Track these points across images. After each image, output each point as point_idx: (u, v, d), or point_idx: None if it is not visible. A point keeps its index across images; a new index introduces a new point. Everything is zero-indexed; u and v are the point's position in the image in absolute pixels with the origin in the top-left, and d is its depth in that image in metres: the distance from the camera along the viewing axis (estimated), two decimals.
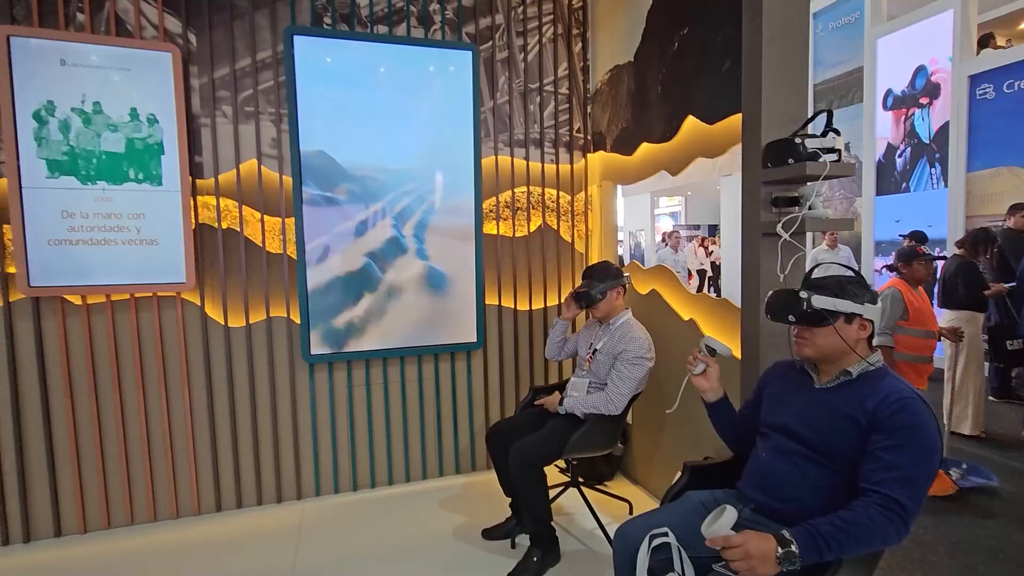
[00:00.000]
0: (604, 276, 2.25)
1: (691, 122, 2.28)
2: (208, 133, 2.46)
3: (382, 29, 2.68)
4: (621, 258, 4.29)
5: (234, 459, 2.58)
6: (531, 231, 3.02)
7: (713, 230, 12.23)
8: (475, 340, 2.88)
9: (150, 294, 2.41)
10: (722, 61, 2.08)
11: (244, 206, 2.53)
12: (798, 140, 1.67)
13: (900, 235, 4.91)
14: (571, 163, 3.08)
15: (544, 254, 3.05)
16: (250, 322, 2.57)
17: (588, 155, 3.11)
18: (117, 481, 2.43)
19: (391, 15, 2.69)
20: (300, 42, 2.49)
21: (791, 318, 1.29)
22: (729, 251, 7.70)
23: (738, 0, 1.87)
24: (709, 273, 9.80)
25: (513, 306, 3.01)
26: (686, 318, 2.36)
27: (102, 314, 2.36)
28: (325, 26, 2.58)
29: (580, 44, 3.05)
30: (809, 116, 1.80)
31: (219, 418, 2.55)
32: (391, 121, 2.66)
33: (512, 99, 2.93)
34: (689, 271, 9.40)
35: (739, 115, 1.91)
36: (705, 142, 2.20)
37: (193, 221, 2.43)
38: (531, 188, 3.00)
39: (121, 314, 2.38)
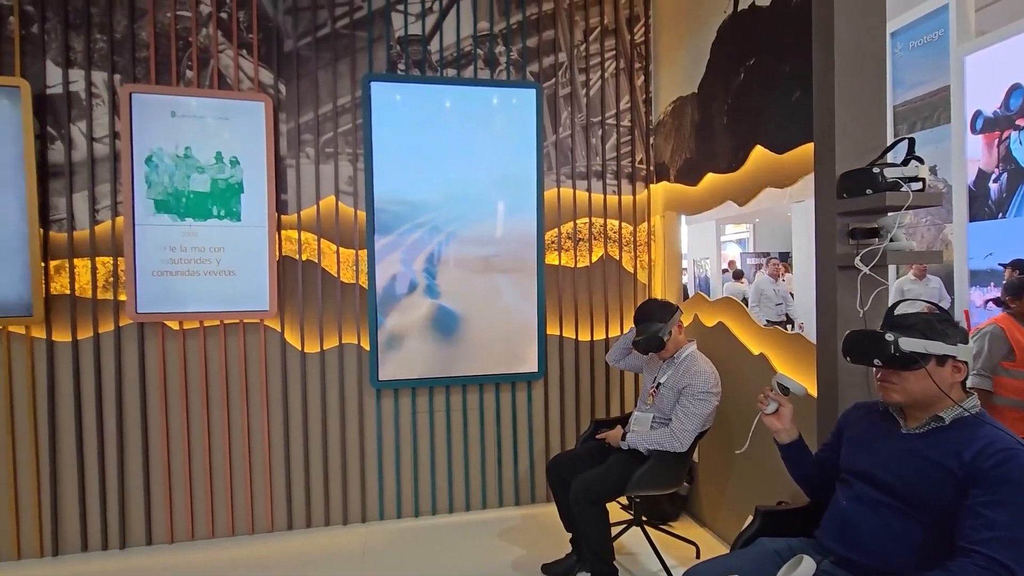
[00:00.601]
0: (663, 315, 2.17)
1: (759, 152, 2.24)
2: (293, 173, 2.67)
3: (451, 72, 2.83)
4: (685, 287, 4.19)
5: (305, 479, 2.70)
6: (593, 262, 3.03)
7: (784, 257, 11.69)
8: (536, 370, 2.89)
9: (237, 320, 2.60)
10: (791, 90, 2.04)
11: (322, 239, 2.70)
12: (876, 169, 1.60)
13: (1000, 264, 4.49)
14: (633, 194, 3.08)
15: (606, 284, 3.04)
16: (324, 348, 2.71)
17: (651, 186, 3.10)
18: (201, 495, 2.60)
19: (459, 59, 2.84)
20: (376, 87, 2.67)
21: (876, 362, 1.21)
22: (802, 281, 7.33)
23: (807, 30, 1.84)
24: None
25: (574, 336, 3.00)
26: (756, 352, 2.27)
27: (195, 339, 2.57)
28: (399, 72, 2.76)
29: (642, 77, 3.08)
30: (888, 144, 1.72)
31: (293, 439, 2.69)
32: (458, 157, 2.78)
33: (574, 133, 2.99)
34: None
35: (810, 144, 1.85)
36: (774, 172, 2.15)
37: (277, 253, 2.62)
38: (593, 219, 3.02)
39: (212, 339, 2.59)
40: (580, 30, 2.99)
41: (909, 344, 1.17)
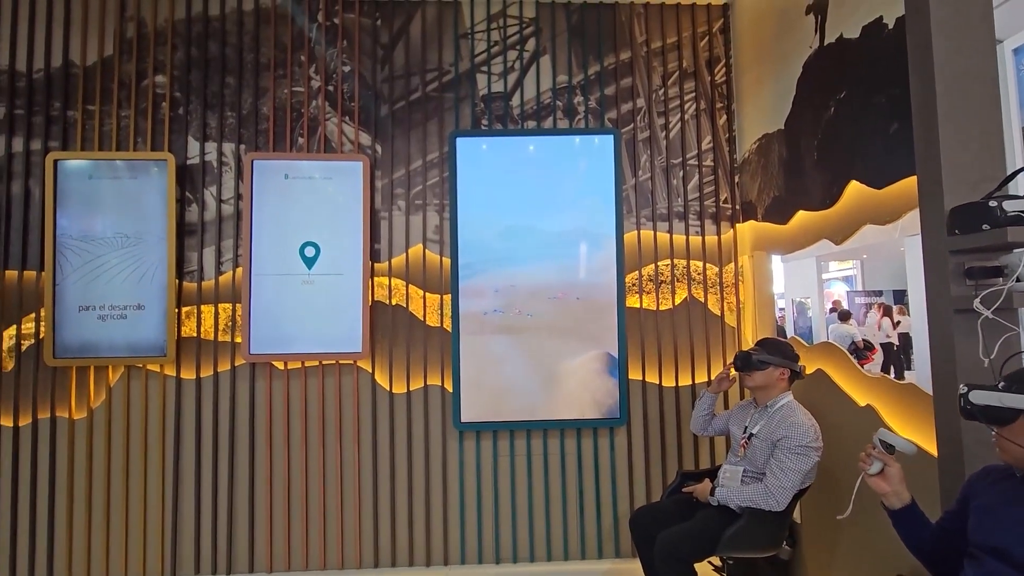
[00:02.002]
0: (775, 351, 2.10)
1: (855, 187, 2.10)
2: (385, 224, 2.88)
3: (531, 124, 2.96)
4: (782, 331, 3.94)
5: (391, 518, 2.78)
6: (676, 304, 2.94)
7: (900, 296, 10.58)
8: (618, 416, 2.82)
9: (333, 361, 2.80)
10: (888, 122, 1.92)
11: (410, 284, 2.87)
12: (994, 203, 1.45)
13: None
14: (718, 234, 2.98)
15: (691, 328, 2.93)
16: (410, 389, 2.83)
17: (737, 225, 2.99)
18: (298, 527, 2.75)
19: (539, 111, 2.97)
20: (461, 142, 2.85)
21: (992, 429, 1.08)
22: (920, 321, 6.59)
23: (902, 58, 1.74)
24: (896, 344, 8.39)
25: (658, 382, 2.90)
26: (862, 404, 2.07)
27: (298, 378, 2.79)
28: (483, 127, 2.94)
29: (725, 117, 3.04)
30: (1008, 174, 1.56)
31: (381, 477, 2.79)
32: (538, 204, 2.86)
33: (654, 175, 2.98)
34: (867, 344, 8.05)
35: (914, 177, 1.72)
36: (874, 208, 2.00)
37: (370, 298, 2.81)
38: (675, 261, 2.96)
39: (311, 378, 2.80)
40: (658, 75, 3.03)
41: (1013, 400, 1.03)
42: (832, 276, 12.08)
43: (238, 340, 2.77)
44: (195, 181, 2.81)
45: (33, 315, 2.72)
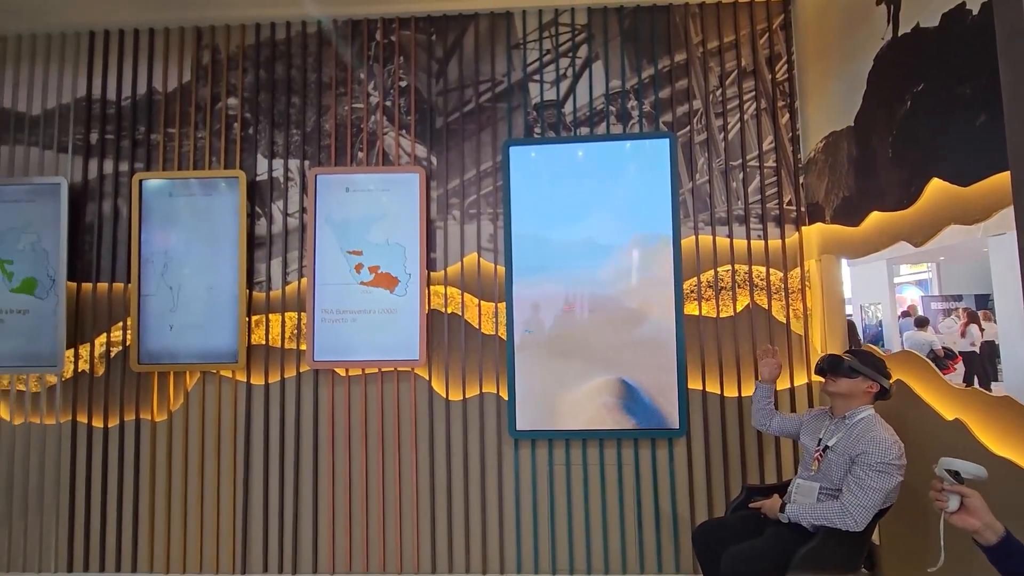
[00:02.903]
0: (869, 362, 1.98)
1: (937, 185, 1.97)
2: (440, 233, 2.93)
3: (584, 130, 2.94)
4: (858, 340, 3.71)
5: (448, 523, 2.81)
6: (738, 311, 2.84)
7: (983, 301, 9.79)
8: (677, 427, 2.74)
9: (392, 369, 2.87)
10: (974, 115, 1.78)
11: (465, 293, 2.90)
12: None
13: None
14: (782, 238, 2.86)
15: (754, 335, 2.82)
16: (466, 396, 2.86)
17: (802, 228, 2.86)
18: (359, 529, 2.82)
19: (592, 117, 2.95)
20: (515, 151, 2.87)
21: None
22: (1009, 328, 6.06)
23: (989, 46, 1.62)
24: (979, 352, 7.75)
25: (719, 391, 2.80)
26: (949, 418, 1.92)
27: (358, 384, 2.88)
28: (535, 135, 2.95)
29: (787, 115, 2.92)
30: None
31: (437, 482, 2.83)
32: (592, 211, 2.84)
33: (712, 178, 2.90)
34: (948, 352, 7.45)
35: (1005, 173, 1.59)
36: (959, 206, 1.86)
37: (427, 307, 2.87)
38: (736, 266, 2.86)
39: (371, 385, 2.88)
40: (715, 75, 2.95)
41: None
42: (904, 280, 11.32)
43: (303, 347, 2.89)
44: (264, 196, 2.97)
45: (121, 324, 2.94)
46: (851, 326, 3.00)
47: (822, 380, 2.10)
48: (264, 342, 2.91)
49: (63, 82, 3.06)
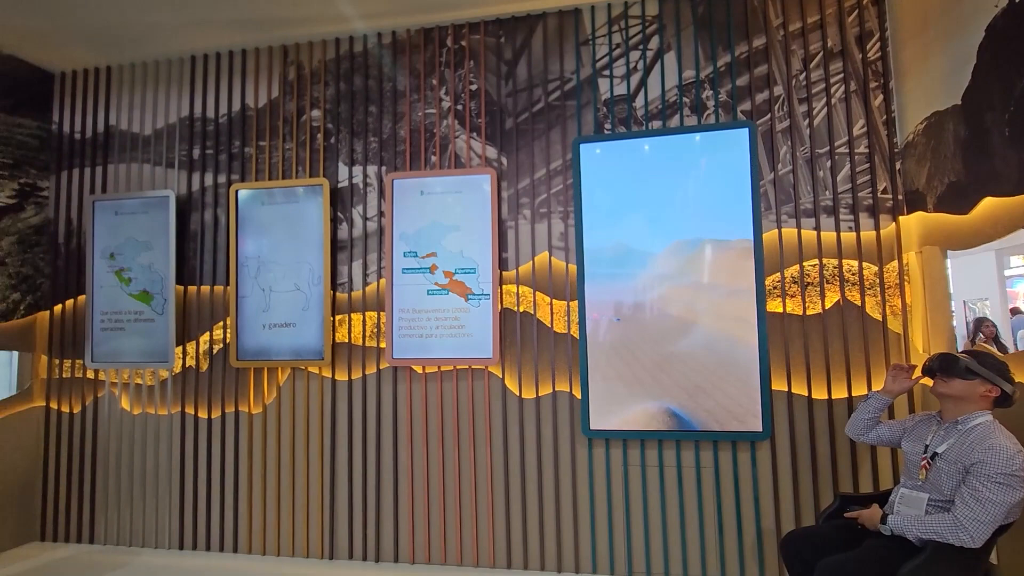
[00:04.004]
0: (991, 364, 1.78)
1: None
2: (512, 233, 2.97)
3: (656, 124, 2.87)
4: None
5: (523, 520, 2.84)
6: (826, 308, 2.67)
7: None
8: (760, 429, 2.62)
9: (466, 367, 2.93)
10: None
11: (537, 292, 2.92)
12: None
13: None
14: (876, 229, 2.66)
15: (846, 334, 2.64)
16: (539, 394, 2.87)
17: (900, 218, 2.65)
18: (436, 522, 2.91)
19: (664, 110, 2.87)
20: (584, 148, 2.85)
21: None
22: None
23: None
24: None
25: (807, 393, 2.65)
26: None
27: (435, 381, 2.97)
28: (606, 131, 2.91)
29: (880, 97, 2.70)
30: None
31: (512, 479, 2.86)
32: (666, 206, 2.77)
33: (797, 168, 2.74)
34: None
35: None
36: None
37: (499, 306, 2.91)
38: (824, 260, 2.69)
39: (447, 382, 2.96)
40: (798, 59, 2.79)
41: None
42: (1015, 273, 10.16)
43: (382, 345, 3.02)
44: (345, 202, 3.12)
45: (221, 323, 3.20)
46: (979, 324, 2.74)
47: (929, 381, 1.93)
48: (347, 340, 3.06)
49: (169, 104, 3.37)
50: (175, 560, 3.04)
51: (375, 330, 3.05)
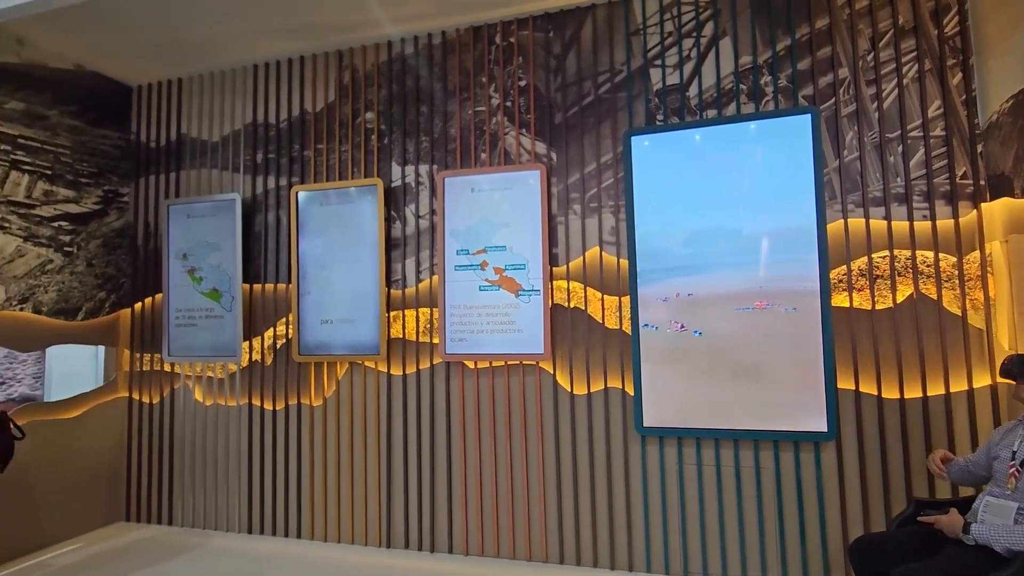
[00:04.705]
0: None
1: None
2: (562, 229, 2.96)
3: (711, 113, 2.79)
4: None
5: (575, 516, 2.83)
6: (898, 302, 2.52)
7: None
8: (825, 430, 2.50)
9: (517, 362, 2.95)
10: None
11: (588, 287, 2.90)
12: None
13: None
14: (954, 217, 2.48)
15: (919, 330, 2.48)
16: (591, 391, 2.86)
17: (981, 205, 2.46)
18: (489, 515, 2.95)
19: (720, 98, 2.78)
20: (636, 141, 2.80)
21: None
22: None
23: None
24: None
25: (876, 392, 2.51)
26: None
27: (486, 376, 3.01)
28: (658, 123, 2.85)
29: (959, 75, 2.52)
30: None
31: (564, 474, 2.86)
32: (722, 198, 2.68)
33: (864, 154, 2.59)
34: None
35: None
36: None
37: (550, 301, 2.91)
38: (896, 251, 2.53)
39: (498, 377, 2.99)
40: (865, 39, 2.63)
41: None
42: None
43: (435, 341, 3.08)
44: (398, 201, 3.20)
45: (284, 320, 3.35)
46: None
47: (1012, 383, 1.79)
48: (402, 336, 3.14)
49: (235, 111, 3.55)
50: (244, 543, 3.22)
51: (428, 326, 3.11)
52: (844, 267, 2.58)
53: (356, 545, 3.14)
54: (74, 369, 3.43)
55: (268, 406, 3.36)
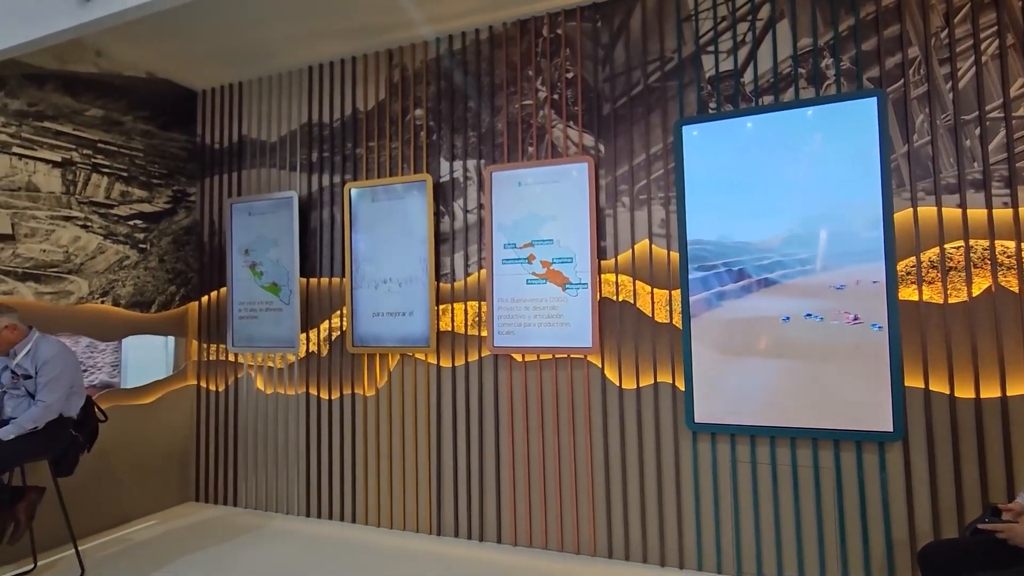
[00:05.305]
0: None
1: None
2: (610, 222, 2.92)
3: (767, 100, 2.68)
4: None
5: (623, 510, 2.81)
6: (974, 295, 2.36)
7: None
8: (891, 429, 2.38)
9: (565, 355, 2.95)
10: None
11: (637, 280, 2.86)
12: None
13: None
14: None
15: (997, 325, 2.32)
16: (640, 385, 2.82)
17: None
18: (538, 507, 2.97)
19: (777, 83, 2.67)
20: (687, 130, 2.74)
21: None
22: None
23: None
24: None
25: (948, 391, 2.37)
26: None
27: (534, 369, 3.02)
28: (710, 111, 2.77)
29: None
30: None
31: (612, 470, 2.85)
32: (778, 187, 2.59)
33: (936, 138, 2.44)
34: None
35: None
36: None
37: (598, 295, 2.89)
38: (972, 241, 2.37)
39: (546, 370, 3.00)
40: (938, 14, 2.46)
41: None
42: None
43: (483, 334, 3.12)
44: (447, 196, 3.25)
45: (338, 312, 3.47)
46: None
47: None
48: (450, 329, 3.20)
49: (291, 112, 3.69)
50: (302, 526, 3.37)
51: (476, 319, 3.15)
52: (912, 258, 2.44)
53: (407, 532, 3.24)
54: (147, 358, 3.67)
55: (324, 395, 3.50)
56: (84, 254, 3.31)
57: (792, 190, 2.57)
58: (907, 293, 2.43)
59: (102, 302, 3.39)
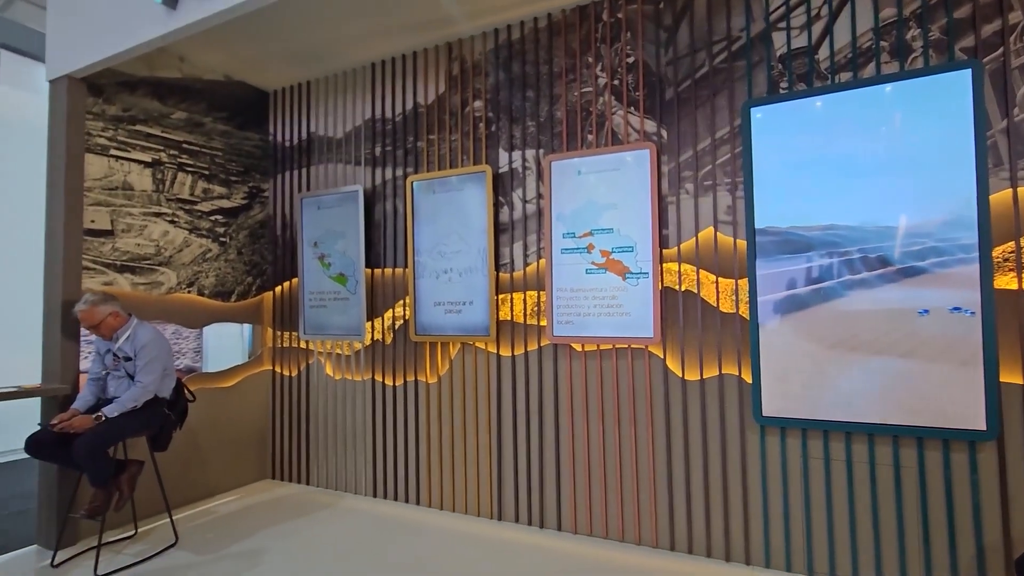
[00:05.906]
0: None
1: None
2: (673, 209, 2.86)
3: (845, 76, 2.53)
4: None
5: (687, 504, 2.77)
6: None
7: None
8: (983, 428, 2.21)
9: (626, 345, 2.92)
10: None
11: (701, 269, 2.78)
12: None
13: None
14: None
15: None
16: (704, 377, 2.76)
17: None
18: (598, 496, 2.98)
19: (855, 59, 2.51)
20: (756, 112, 2.62)
21: None
22: None
23: None
24: None
25: None
26: None
27: (594, 359, 3.01)
28: (781, 91, 2.64)
29: None
30: None
31: (675, 461, 2.81)
32: (857, 170, 2.44)
33: None
34: None
35: None
36: None
37: (660, 284, 2.84)
38: None
39: (606, 360, 2.98)
40: None
41: None
42: None
43: (543, 323, 3.13)
44: (506, 186, 3.28)
45: (402, 302, 3.59)
46: None
47: None
48: (510, 318, 3.24)
49: (356, 108, 3.82)
50: (370, 505, 3.53)
51: (536, 308, 3.17)
52: (1011, 244, 2.24)
53: (469, 515, 3.32)
54: (225, 344, 3.93)
55: (389, 382, 3.63)
56: (172, 247, 3.57)
57: (874, 172, 2.41)
58: (1003, 281, 2.24)
59: (188, 292, 3.65)
